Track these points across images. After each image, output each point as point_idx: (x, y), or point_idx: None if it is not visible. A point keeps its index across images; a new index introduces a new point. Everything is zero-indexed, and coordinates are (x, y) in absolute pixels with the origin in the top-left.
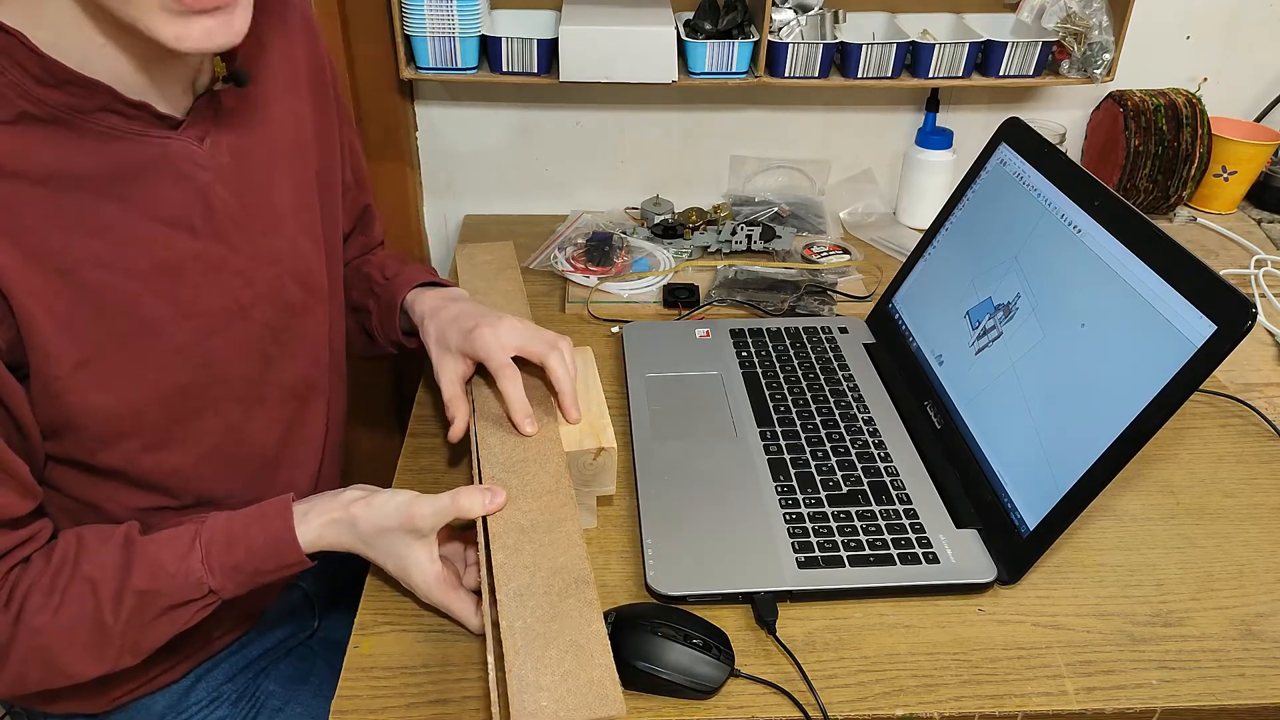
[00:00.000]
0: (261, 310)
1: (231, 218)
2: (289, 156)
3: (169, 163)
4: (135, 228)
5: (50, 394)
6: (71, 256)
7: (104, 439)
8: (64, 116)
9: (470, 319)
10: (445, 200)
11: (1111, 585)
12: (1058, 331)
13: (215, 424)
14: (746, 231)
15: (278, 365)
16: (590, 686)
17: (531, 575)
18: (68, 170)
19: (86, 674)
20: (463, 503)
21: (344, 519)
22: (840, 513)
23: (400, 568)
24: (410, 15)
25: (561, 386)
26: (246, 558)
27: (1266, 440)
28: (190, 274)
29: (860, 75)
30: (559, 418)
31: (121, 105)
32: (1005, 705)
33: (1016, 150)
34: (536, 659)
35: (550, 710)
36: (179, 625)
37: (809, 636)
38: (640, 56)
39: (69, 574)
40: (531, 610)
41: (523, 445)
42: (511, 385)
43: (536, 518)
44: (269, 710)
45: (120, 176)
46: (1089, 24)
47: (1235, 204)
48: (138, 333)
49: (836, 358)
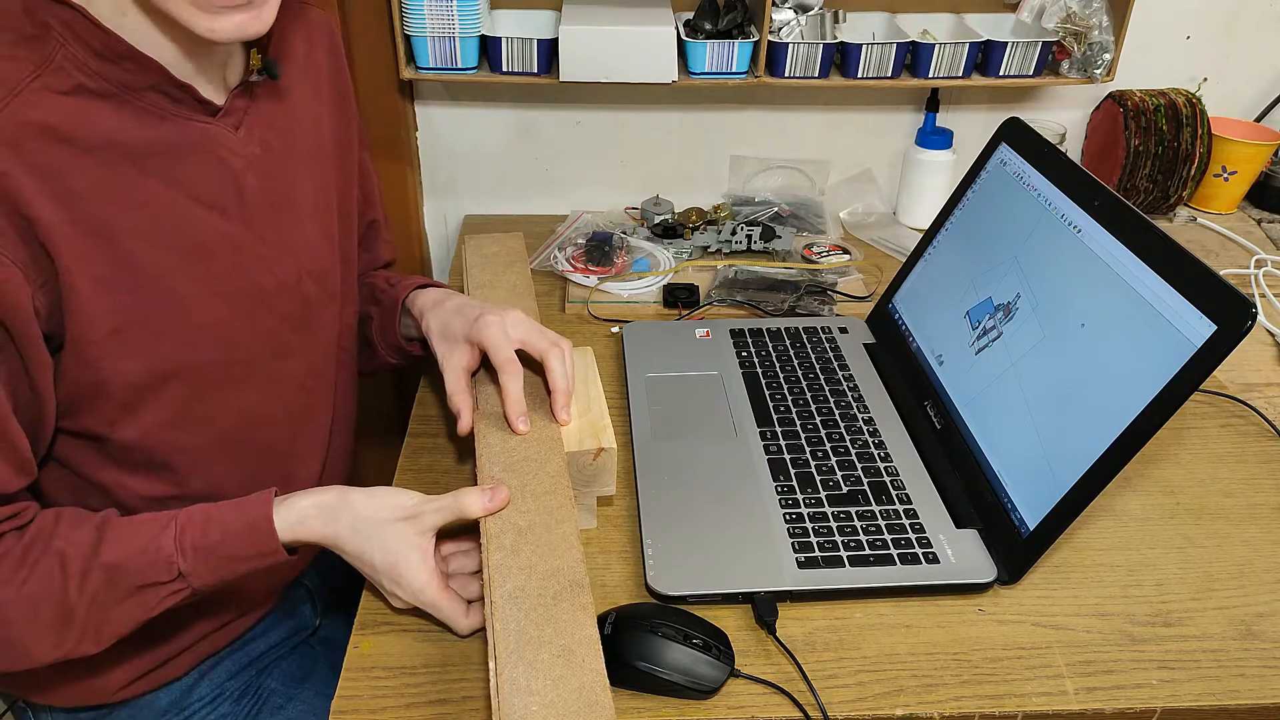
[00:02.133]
0: (281, 300)
1: (258, 206)
2: (310, 158)
3: (207, 146)
4: (174, 204)
5: (82, 360)
6: (115, 225)
7: (126, 408)
8: (116, 92)
9: (475, 308)
10: (445, 200)
11: (1111, 585)
12: (1058, 331)
13: (231, 406)
14: (746, 231)
15: (293, 356)
16: (580, 693)
17: (527, 577)
18: (118, 142)
19: (44, 655)
20: (464, 503)
21: (336, 504)
22: (840, 513)
23: (391, 563)
24: (410, 15)
25: (557, 385)
26: (221, 541)
27: (1266, 440)
28: (219, 255)
29: (860, 75)
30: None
31: (170, 86)
32: (1005, 705)
33: (1016, 150)
34: (528, 663)
35: (540, 715)
36: (146, 612)
37: (809, 636)
38: (640, 56)
39: (41, 549)
40: (525, 613)
41: (523, 445)
42: (513, 382)
43: (534, 519)
44: (270, 708)
45: (163, 154)
46: (1089, 24)
47: (1235, 204)
48: (167, 306)
49: (836, 358)
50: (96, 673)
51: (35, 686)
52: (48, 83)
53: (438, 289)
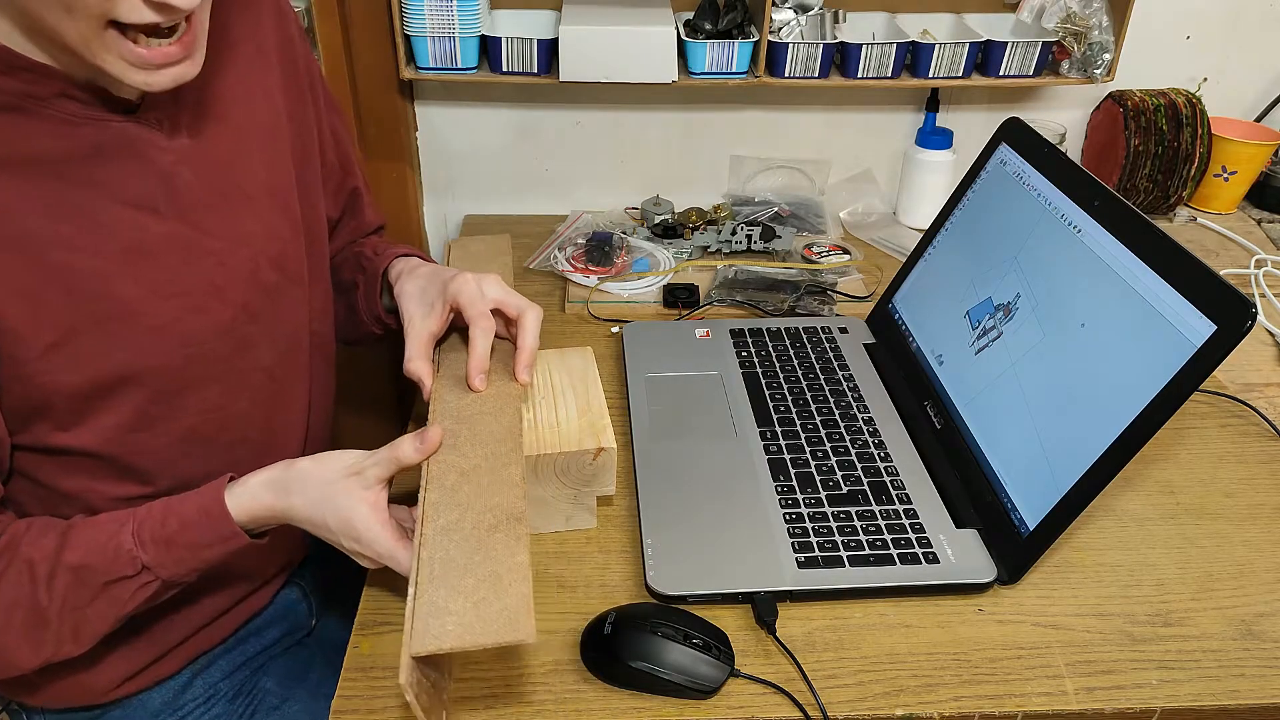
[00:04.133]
0: (237, 291)
1: (197, 199)
2: (260, 136)
3: (130, 146)
4: (102, 211)
5: (20, 377)
6: (39, 240)
7: (77, 416)
8: (20, 104)
9: (450, 271)
10: (445, 200)
11: (1111, 585)
12: (1058, 331)
13: (192, 405)
14: (746, 231)
15: (257, 347)
16: (502, 614)
17: (463, 512)
18: (30, 156)
19: (25, 662)
20: (399, 451)
21: (285, 475)
22: (840, 513)
23: (344, 519)
24: (410, 15)
25: (524, 343)
26: (179, 530)
27: (1266, 440)
28: (162, 256)
29: (860, 75)
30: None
31: (76, 91)
32: (1005, 705)
33: (1016, 150)
34: (451, 587)
35: (455, 634)
36: (121, 607)
37: (809, 636)
38: (640, 56)
39: (8, 558)
40: (456, 544)
41: (478, 400)
42: (483, 338)
43: (479, 462)
44: (265, 708)
45: (83, 160)
46: (1089, 24)
47: (1235, 204)
48: (113, 314)
49: (836, 358)
50: (87, 672)
51: (26, 688)
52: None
53: (415, 258)
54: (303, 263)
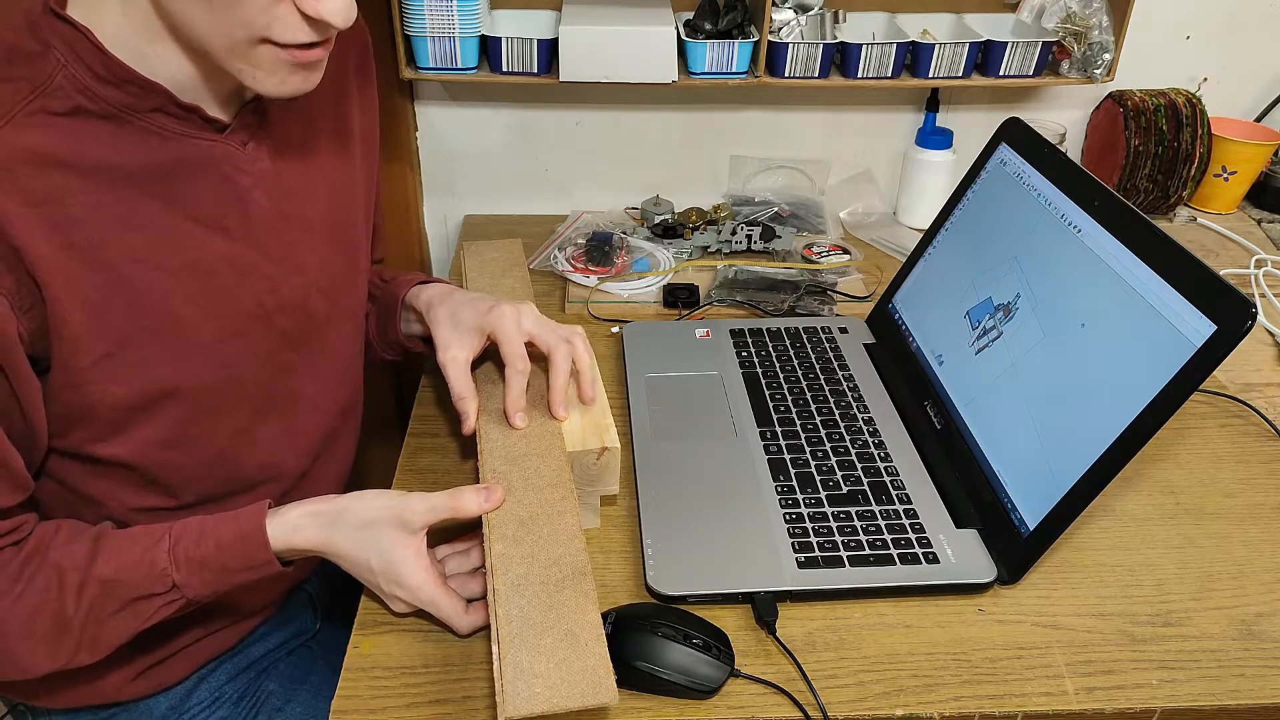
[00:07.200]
0: (283, 317)
1: (266, 223)
2: (330, 166)
3: (212, 164)
4: (173, 226)
5: (72, 385)
6: (112, 249)
7: (116, 427)
8: (117, 113)
9: (486, 300)
10: (445, 200)
11: (1111, 585)
12: (1058, 331)
13: (226, 426)
14: (746, 231)
15: (298, 375)
16: (584, 674)
17: (529, 566)
18: (115, 165)
19: (39, 667)
20: (461, 502)
21: (329, 512)
22: (840, 513)
23: (387, 563)
24: (410, 15)
25: (554, 382)
26: (215, 553)
27: (1266, 440)
28: (220, 276)
29: (860, 75)
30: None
31: (174, 108)
32: (1005, 705)
33: (1016, 150)
34: (532, 646)
35: (544, 696)
36: (140, 621)
37: (809, 636)
38: (640, 56)
39: (38, 563)
40: (529, 599)
41: (524, 440)
42: (517, 378)
43: (536, 510)
44: (269, 710)
45: (164, 175)
46: (1089, 24)
47: (1235, 204)
48: (165, 328)
49: (836, 358)
50: (93, 673)
51: (33, 689)
52: (45, 104)
53: (437, 285)
54: (350, 295)
